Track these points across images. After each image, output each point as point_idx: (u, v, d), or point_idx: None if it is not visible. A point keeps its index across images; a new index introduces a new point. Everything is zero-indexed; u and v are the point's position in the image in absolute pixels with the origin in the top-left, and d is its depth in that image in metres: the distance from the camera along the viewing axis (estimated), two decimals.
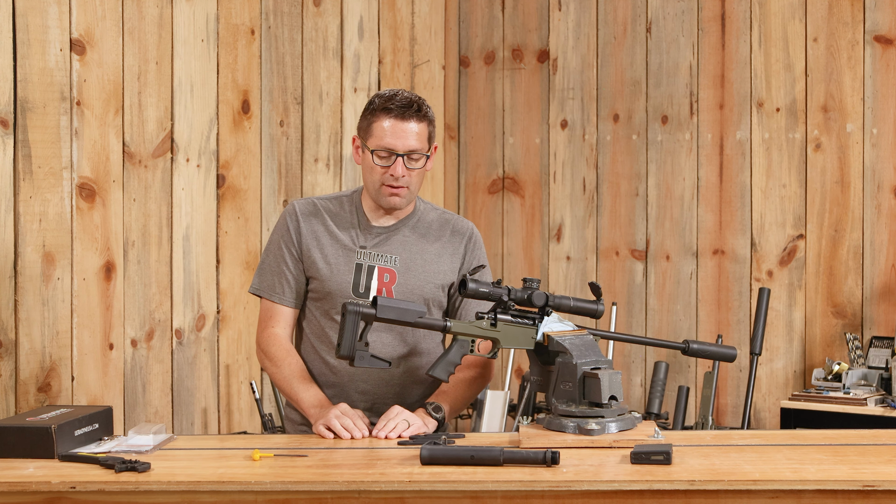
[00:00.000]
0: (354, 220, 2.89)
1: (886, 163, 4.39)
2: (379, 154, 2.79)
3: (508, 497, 2.23)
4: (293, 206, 2.92)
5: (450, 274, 2.90)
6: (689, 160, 4.69)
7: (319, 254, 2.86)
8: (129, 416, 3.56)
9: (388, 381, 2.85)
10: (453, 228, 2.94)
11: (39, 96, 3.27)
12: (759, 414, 4.57)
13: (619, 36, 4.80)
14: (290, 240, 2.88)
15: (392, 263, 2.85)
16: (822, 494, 2.18)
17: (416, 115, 2.79)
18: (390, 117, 2.78)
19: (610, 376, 2.56)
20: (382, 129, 2.79)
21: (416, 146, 2.79)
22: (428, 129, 2.83)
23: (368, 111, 2.84)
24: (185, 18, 3.75)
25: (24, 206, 3.23)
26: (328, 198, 2.95)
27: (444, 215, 2.95)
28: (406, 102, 2.79)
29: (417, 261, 2.87)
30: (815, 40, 4.48)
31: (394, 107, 2.78)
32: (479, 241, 2.97)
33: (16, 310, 3.21)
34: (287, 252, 2.88)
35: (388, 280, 2.84)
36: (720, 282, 4.65)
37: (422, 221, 2.91)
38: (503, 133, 5.02)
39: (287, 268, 2.87)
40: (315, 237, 2.87)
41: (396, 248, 2.86)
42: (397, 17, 4.77)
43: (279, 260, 2.89)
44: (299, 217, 2.89)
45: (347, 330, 2.59)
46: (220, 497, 2.26)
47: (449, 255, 2.90)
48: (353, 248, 2.85)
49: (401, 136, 2.78)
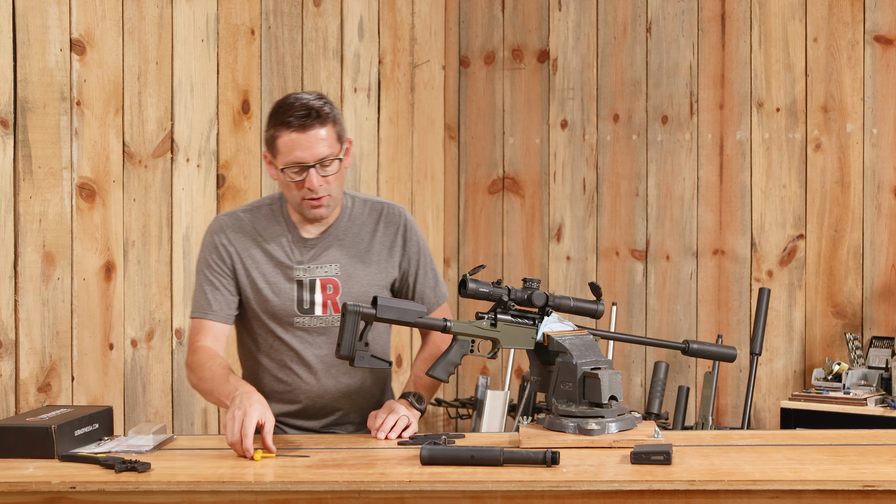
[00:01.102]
0: (285, 232, 2.80)
1: (886, 163, 4.39)
2: (290, 170, 2.68)
3: (508, 497, 2.23)
4: (219, 223, 2.82)
5: (391, 270, 2.85)
6: (689, 160, 4.69)
7: (258, 273, 2.78)
8: (129, 416, 3.56)
9: (345, 394, 2.84)
10: (386, 219, 2.85)
11: (39, 96, 3.27)
12: (759, 414, 4.57)
13: (619, 36, 4.80)
14: (219, 256, 2.78)
15: (332, 273, 2.79)
16: (822, 494, 2.18)
17: (317, 122, 2.66)
18: (292, 130, 2.65)
19: (610, 376, 2.56)
20: (287, 144, 2.66)
21: (326, 152, 2.67)
22: (335, 130, 2.71)
23: (271, 124, 2.70)
24: (185, 18, 3.75)
25: (24, 206, 3.23)
26: (252, 209, 2.84)
27: (374, 206, 2.87)
28: (304, 111, 2.66)
29: (357, 266, 2.81)
30: (815, 40, 4.48)
31: (293, 119, 2.65)
32: (412, 226, 2.89)
33: (16, 310, 3.21)
34: (217, 269, 2.78)
35: (332, 291, 2.78)
36: (720, 282, 4.65)
37: (353, 221, 2.83)
38: (503, 133, 5.02)
39: (216, 285, 2.78)
40: (249, 255, 2.79)
41: (333, 256, 2.80)
42: (397, 17, 4.77)
43: (208, 278, 2.79)
44: (228, 234, 2.80)
45: (347, 330, 2.59)
46: (220, 497, 2.26)
47: (387, 250, 2.84)
48: (289, 265, 2.78)
49: (307, 147, 2.66)
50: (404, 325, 2.67)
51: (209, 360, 2.72)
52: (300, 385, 2.80)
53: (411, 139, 4.87)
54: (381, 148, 4.69)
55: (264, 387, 2.83)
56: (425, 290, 2.90)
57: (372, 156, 4.64)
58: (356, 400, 2.86)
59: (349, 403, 2.86)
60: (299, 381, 2.81)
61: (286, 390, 2.83)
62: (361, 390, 2.86)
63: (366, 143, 4.60)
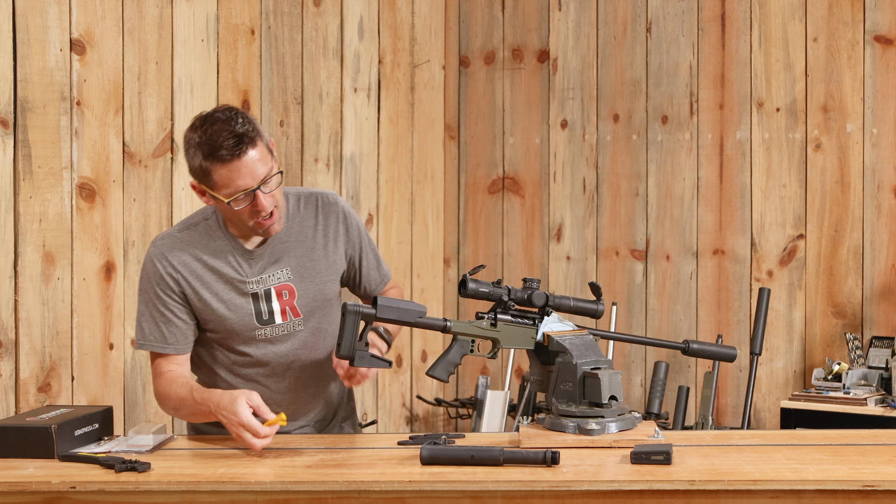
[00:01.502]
0: (228, 247, 2.72)
1: (886, 163, 4.39)
2: (236, 200, 2.59)
3: (508, 497, 2.23)
4: (158, 248, 2.72)
5: (339, 261, 2.83)
6: (689, 160, 4.69)
7: (209, 293, 2.71)
8: (129, 415, 3.56)
9: (314, 395, 2.84)
10: (324, 210, 2.81)
11: (39, 96, 3.27)
12: (759, 414, 4.57)
13: (619, 36, 4.80)
14: (166, 284, 2.70)
15: (285, 279, 2.74)
16: (821, 494, 2.18)
17: (249, 145, 2.56)
18: (226, 162, 2.55)
19: (610, 376, 2.56)
20: (225, 176, 2.56)
21: (264, 172, 2.59)
22: (263, 144, 2.61)
23: (198, 156, 2.58)
24: (185, 18, 3.75)
25: (24, 206, 3.23)
26: (187, 227, 2.75)
27: (308, 199, 2.81)
28: (233, 139, 2.54)
29: (307, 265, 2.77)
30: (815, 40, 4.48)
31: (225, 152, 2.54)
32: (349, 211, 2.84)
33: (16, 310, 3.21)
34: (167, 299, 2.70)
35: (288, 297, 2.75)
36: (720, 282, 4.65)
37: (293, 220, 2.78)
38: (503, 133, 5.02)
39: (168, 317, 2.71)
40: (197, 277, 2.70)
41: (283, 261, 2.75)
42: (397, 17, 4.77)
43: (160, 311, 2.70)
44: (171, 259, 2.70)
45: (347, 330, 2.59)
46: (220, 497, 2.26)
47: (332, 241, 2.81)
48: (241, 279, 2.72)
49: (247, 173, 2.56)
50: (404, 325, 2.67)
51: (171, 384, 2.69)
52: (270, 396, 2.77)
53: (411, 139, 4.87)
54: (381, 148, 4.69)
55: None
56: (371, 272, 2.89)
57: (372, 156, 4.64)
58: (327, 398, 2.86)
59: (321, 402, 2.86)
60: (269, 391, 2.78)
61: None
62: (330, 388, 2.86)
63: (366, 143, 4.60)
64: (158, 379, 2.74)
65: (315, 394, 2.84)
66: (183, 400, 2.66)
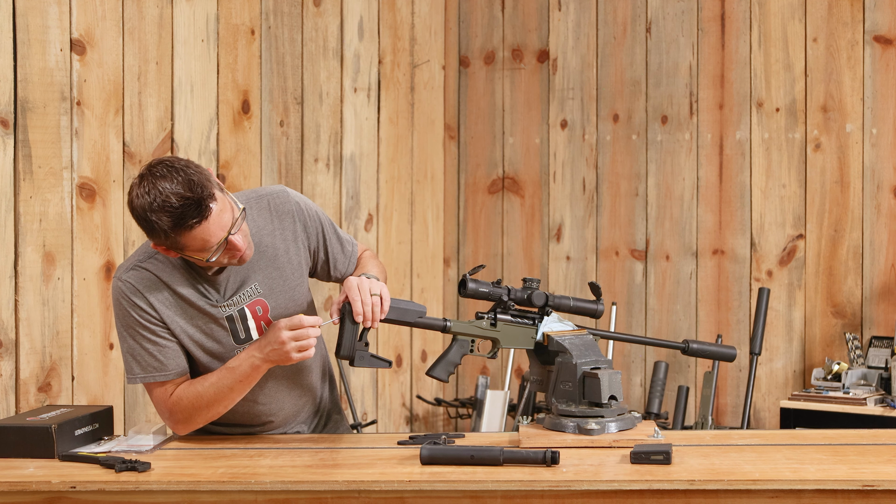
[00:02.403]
0: (191, 277, 2.62)
1: (886, 163, 4.40)
2: (214, 254, 2.50)
3: (508, 497, 2.23)
4: (127, 283, 2.60)
5: (304, 261, 2.74)
6: (688, 160, 4.70)
7: (185, 321, 2.62)
8: (130, 415, 3.56)
9: (300, 395, 2.80)
10: (276, 211, 2.71)
11: (39, 96, 3.27)
12: (759, 414, 4.58)
13: (618, 36, 4.81)
14: (147, 315, 2.60)
15: (257, 295, 2.67)
16: (821, 494, 2.19)
17: (208, 207, 2.44)
18: (192, 231, 2.45)
19: (610, 376, 2.57)
20: (196, 241, 2.46)
21: (230, 219, 2.49)
22: (220, 198, 2.49)
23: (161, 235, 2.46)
24: (185, 18, 3.75)
25: (25, 206, 3.23)
26: (147, 258, 2.62)
27: (258, 202, 2.71)
28: (194, 206, 2.43)
29: (274, 275, 2.70)
30: (815, 40, 4.49)
31: (188, 222, 2.43)
32: (302, 204, 2.75)
33: (16, 310, 3.21)
34: (153, 325, 2.60)
35: (262, 312, 2.67)
36: (720, 282, 4.65)
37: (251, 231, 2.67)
38: (503, 133, 5.02)
39: (161, 340, 2.61)
40: (171, 307, 2.61)
41: (250, 278, 2.67)
42: (397, 17, 4.77)
43: (148, 336, 2.61)
44: (143, 292, 2.60)
45: (347, 331, 2.59)
46: (220, 497, 2.26)
47: (292, 242, 2.72)
48: (213, 304, 2.63)
49: (218, 229, 2.46)
50: (404, 325, 2.67)
51: (189, 391, 2.60)
52: (260, 409, 2.75)
53: (411, 139, 4.87)
54: (381, 148, 4.69)
55: (228, 416, 2.73)
56: (337, 256, 2.79)
57: (372, 156, 4.64)
58: (313, 395, 2.85)
59: (310, 401, 2.84)
60: (257, 405, 2.75)
61: (245, 411, 2.76)
62: (314, 383, 2.84)
63: (366, 143, 4.60)
64: (168, 403, 2.63)
65: (301, 394, 2.82)
66: (217, 386, 2.58)
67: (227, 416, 2.70)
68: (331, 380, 2.94)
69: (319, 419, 2.89)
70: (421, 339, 4.94)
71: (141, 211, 2.45)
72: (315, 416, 2.88)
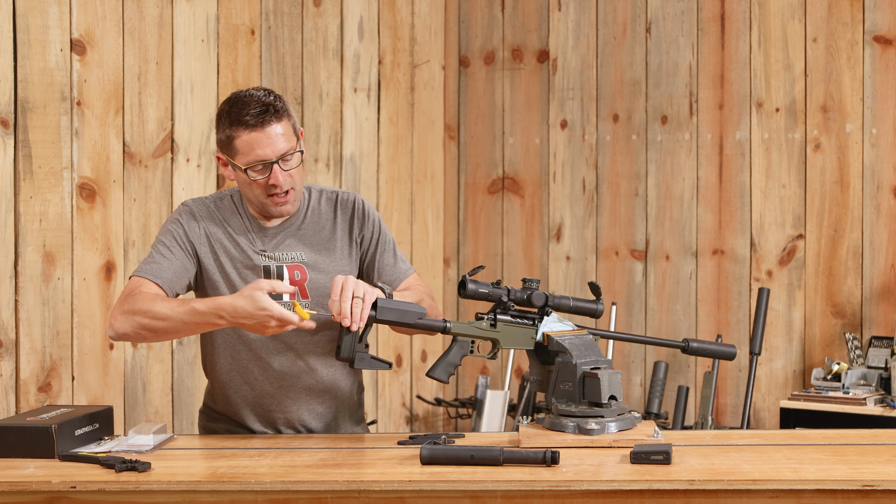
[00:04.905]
0: (246, 222, 2.78)
1: (886, 163, 4.40)
2: (253, 169, 2.66)
3: (508, 497, 2.23)
4: (189, 208, 2.78)
5: (354, 257, 2.84)
6: (688, 160, 4.70)
7: (225, 257, 2.75)
8: (130, 415, 3.57)
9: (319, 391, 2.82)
10: (342, 206, 2.84)
11: (40, 96, 3.27)
12: (759, 414, 4.58)
13: (618, 36, 4.81)
14: (184, 233, 2.73)
15: (299, 259, 2.77)
16: (821, 494, 2.19)
17: (274, 117, 2.64)
18: (249, 129, 2.63)
19: (609, 376, 2.57)
20: (246, 143, 2.64)
21: (286, 147, 2.66)
22: (290, 124, 2.69)
23: (225, 125, 2.67)
24: (185, 18, 3.76)
25: (25, 206, 3.23)
26: (217, 199, 2.81)
27: (330, 196, 2.85)
28: (259, 108, 2.64)
29: (322, 253, 2.79)
30: (815, 40, 4.49)
31: (250, 118, 2.63)
32: (368, 208, 2.86)
33: (16, 310, 3.22)
34: (178, 242, 2.73)
35: (300, 277, 2.76)
36: (720, 282, 4.65)
37: (313, 213, 2.82)
38: (503, 133, 5.02)
39: (172, 254, 2.71)
40: (217, 240, 2.76)
41: (298, 244, 2.78)
42: (397, 17, 4.77)
43: (165, 245, 2.73)
44: (197, 218, 2.76)
45: (347, 333, 2.58)
46: (220, 497, 2.26)
47: (347, 236, 2.83)
48: (255, 251, 2.75)
49: (268, 144, 2.64)
50: (404, 326, 2.67)
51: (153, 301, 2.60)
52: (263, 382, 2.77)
53: (411, 139, 4.88)
54: (381, 148, 4.69)
55: (236, 391, 2.79)
56: (384, 268, 2.86)
57: (372, 156, 4.64)
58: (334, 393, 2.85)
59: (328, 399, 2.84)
60: (265, 381, 2.77)
61: (251, 390, 2.78)
62: (336, 382, 2.84)
63: (366, 143, 4.61)
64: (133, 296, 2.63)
65: (319, 390, 2.82)
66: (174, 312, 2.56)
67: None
68: (359, 387, 2.95)
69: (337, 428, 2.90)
70: (421, 340, 4.94)
71: (219, 109, 2.69)
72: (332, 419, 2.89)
